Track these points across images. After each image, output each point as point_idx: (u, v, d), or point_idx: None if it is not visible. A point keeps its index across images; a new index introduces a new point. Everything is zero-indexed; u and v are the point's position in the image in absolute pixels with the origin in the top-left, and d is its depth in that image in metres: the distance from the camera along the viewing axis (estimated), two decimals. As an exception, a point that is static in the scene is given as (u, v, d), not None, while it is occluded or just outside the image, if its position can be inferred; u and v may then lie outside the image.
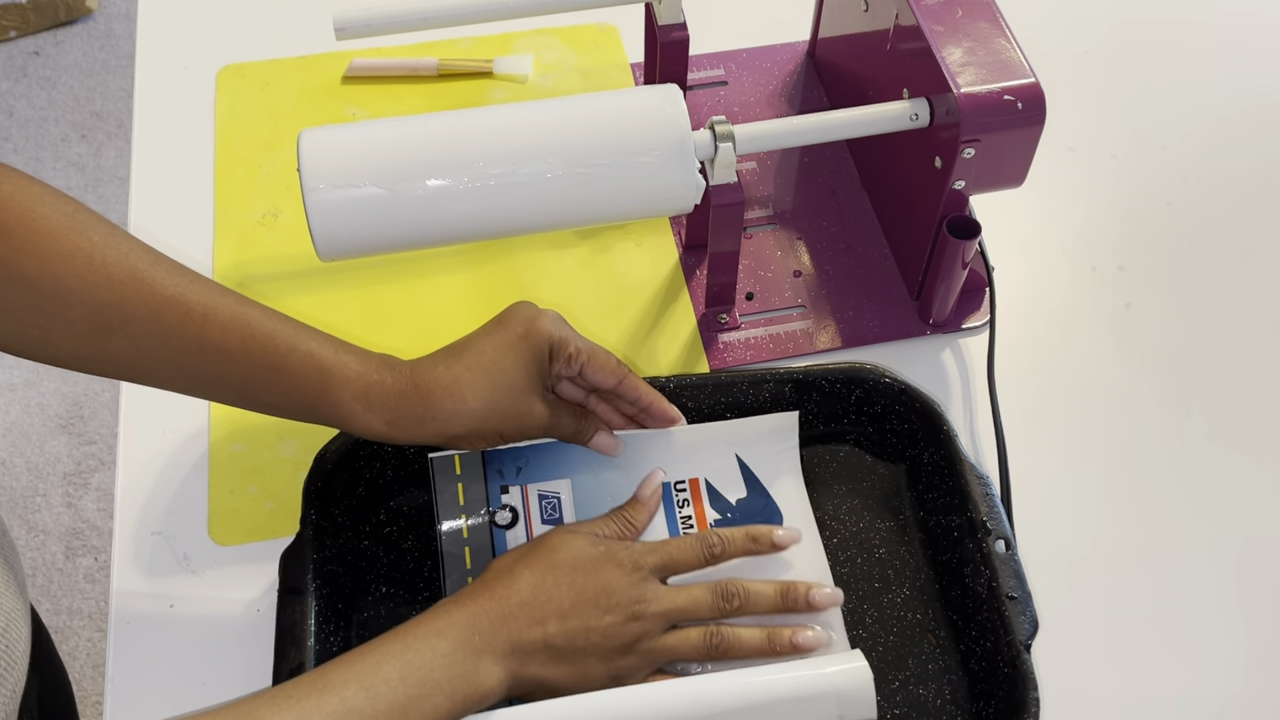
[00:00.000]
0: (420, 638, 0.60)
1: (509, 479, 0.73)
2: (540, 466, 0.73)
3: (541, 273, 0.88)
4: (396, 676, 0.58)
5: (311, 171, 0.68)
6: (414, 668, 0.58)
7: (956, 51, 0.75)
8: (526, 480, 0.73)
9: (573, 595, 0.63)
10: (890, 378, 0.76)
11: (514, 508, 0.72)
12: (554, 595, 0.63)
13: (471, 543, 0.71)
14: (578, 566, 0.64)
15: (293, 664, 0.65)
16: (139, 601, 0.74)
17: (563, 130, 0.71)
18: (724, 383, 0.76)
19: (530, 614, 0.62)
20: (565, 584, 0.64)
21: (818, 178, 0.94)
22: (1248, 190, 0.96)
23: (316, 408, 0.65)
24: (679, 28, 0.87)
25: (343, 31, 0.80)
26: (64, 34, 2.29)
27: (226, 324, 0.63)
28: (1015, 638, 0.66)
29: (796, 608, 0.68)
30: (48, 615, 1.65)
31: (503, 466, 0.73)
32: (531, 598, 0.63)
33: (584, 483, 0.73)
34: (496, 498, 0.72)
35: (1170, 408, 0.84)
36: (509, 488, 0.73)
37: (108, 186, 2.08)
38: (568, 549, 0.65)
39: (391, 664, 0.58)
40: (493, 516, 0.72)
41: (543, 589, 0.63)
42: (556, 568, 0.64)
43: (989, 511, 0.70)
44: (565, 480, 0.73)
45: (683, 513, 0.72)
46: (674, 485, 0.73)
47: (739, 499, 0.73)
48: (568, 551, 0.65)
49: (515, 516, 0.72)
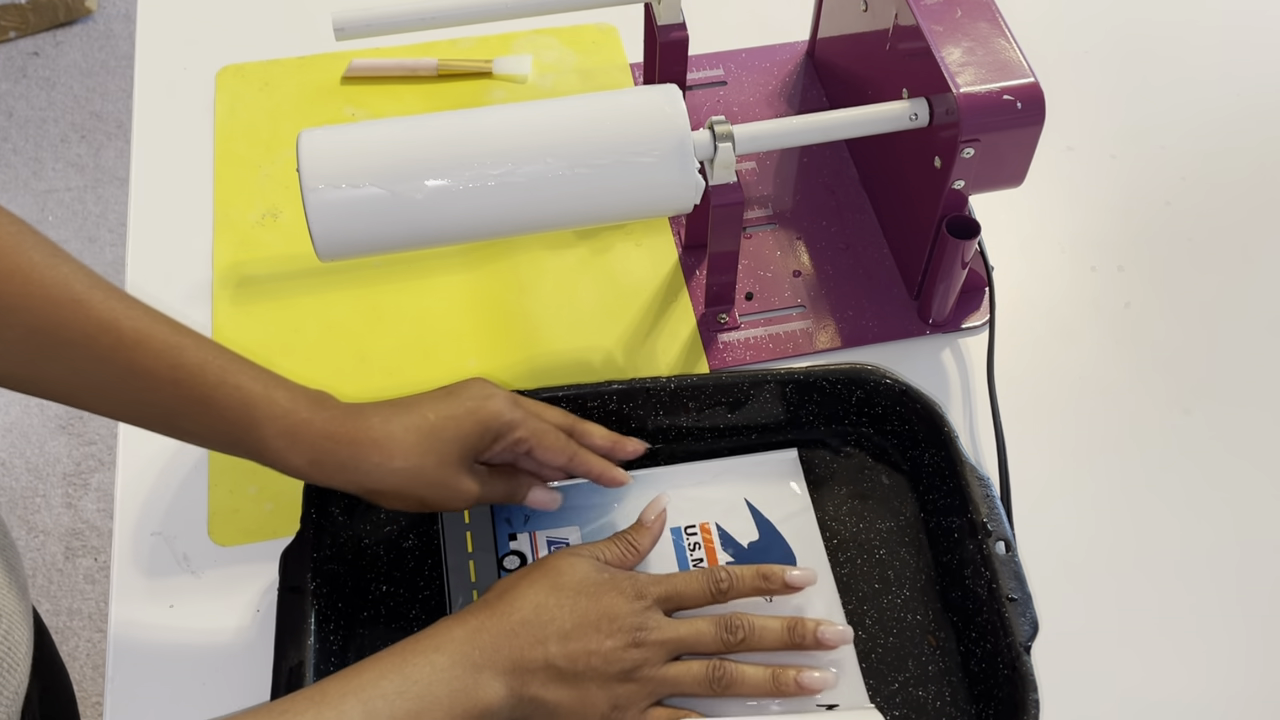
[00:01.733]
0: (419, 653, 0.59)
1: (517, 527, 0.73)
2: (547, 515, 0.73)
3: (541, 273, 0.88)
4: (394, 691, 0.57)
5: (311, 172, 0.68)
6: (412, 682, 0.58)
7: (956, 51, 0.75)
8: (535, 527, 0.73)
9: (575, 617, 0.63)
10: (891, 379, 0.76)
11: (522, 553, 0.72)
12: (556, 616, 0.62)
13: (479, 585, 0.71)
14: (581, 590, 0.64)
15: (292, 663, 0.65)
16: (139, 602, 0.74)
17: (562, 130, 0.71)
18: (725, 383, 0.76)
19: (532, 632, 0.62)
20: (568, 606, 0.63)
21: (817, 178, 0.94)
22: (1247, 190, 0.96)
23: (241, 441, 0.64)
24: (678, 28, 0.87)
25: (342, 32, 0.80)
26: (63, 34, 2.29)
27: (159, 351, 0.62)
28: (1015, 639, 0.66)
29: (804, 644, 0.66)
30: (48, 616, 1.65)
31: (510, 515, 0.73)
32: (534, 616, 0.62)
33: (593, 533, 0.73)
34: (505, 544, 0.72)
35: (1170, 407, 0.84)
36: (517, 535, 0.73)
37: (107, 187, 2.08)
38: (572, 572, 0.65)
39: (390, 679, 0.58)
40: (500, 561, 0.72)
41: (545, 609, 0.63)
42: (560, 589, 0.64)
43: (989, 513, 0.70)
44: (573, 527, 0.73)
45: (694, 556, 0.72)
46: (685, 530, 0.73)
47: (750, 542, 0.73)
48: (572, 574, 0.64)
49: (524, 561, 0.72)
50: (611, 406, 0.76)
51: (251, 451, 0.65)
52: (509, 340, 0.85)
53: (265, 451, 0.64)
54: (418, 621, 0.72)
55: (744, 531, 0.73)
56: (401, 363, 0.83)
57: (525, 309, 0.86)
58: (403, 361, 0.84)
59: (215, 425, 0.64)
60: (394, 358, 0.84)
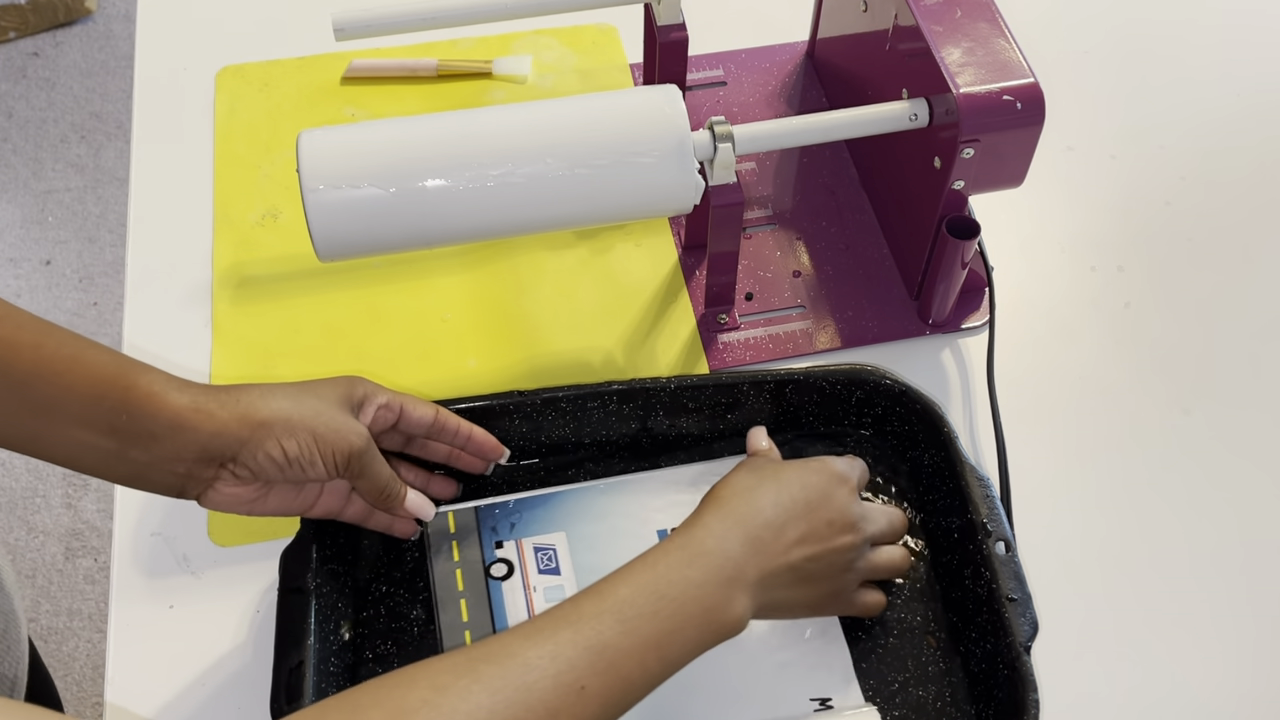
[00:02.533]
0: (673, 568, 0.59)
1: (503, 534, 0.73)
2: (534, 521, 0.73)
3: (541, 273, 0.88)
4: (650, 610, 0.57)
5: (311, 172, 0.68)
6: (668, 600, 0.57)
7: (955, 51, 0.75)
8: (521, 535, 0.73)
9: (810, 518, 0.64)
10: (891, 379, 0.76)
11: (509, 561, 0.72)
12: (793, 514, 0.63)
13: (467, 595, 0.71)
14: (806, 483, 0.65)
15: (293, 664, 0.65)
16: (139, 602, 0.74)
17: (562, 131, 0.71)
18: (725, 384, 0.76)
19: (776, 538, 0.62)
20: (801, 504, 0.64)
21: (817, 178, 0.94)
22: (1246, 190, 0.96)
23: (107, 399, 0.60)
24: (678, 28, 0.87)
25: (342, 32, 0.80)
26: (63, 35, 2.29)
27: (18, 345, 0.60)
28: (1015, 639, 0.66)
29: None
30: (48, 616, 1.65)
31: (496, 524, 0.73)
32: (774, 517, 0.63)
33: (580, 533, 0.73)
34: (491, 552, 0.72)
35: (1169, 407, 0.84)
36: (503, 543, 0.73)
37: (107, 187, 2.08)
38: (789, 468, 0.66)
39: (645, 597, 0.57)
40: (488, 570, 0.72)
41: (782, 509, 0.63)
42: (788, 484, 0.64)
43: (989, 513, 0.70)
44: (560, 533, 0.73)
45: None
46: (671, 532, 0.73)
47: None
48: (791, 470, 0.66)
49: (511, 569, 0.72)
50: (611, 407, 0.76)
51: (126, 402, 0.60)
52: (509, 340, 0.85)
53: (147, 395, 0.60)
54: (418, 622, 0.72)
55: None
56: (401, 363, 0.83)
57: (525, 309, 0.86)
58: (403, 361, 0.84)
59: (82, 391, 0.60)
60: (394, 358, 0.84)
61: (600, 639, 0.55)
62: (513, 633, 0.55)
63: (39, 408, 0.59)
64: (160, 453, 0.61)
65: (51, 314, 1.92)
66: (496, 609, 0.70)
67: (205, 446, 0.61)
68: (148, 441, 0.60)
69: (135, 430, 0.60)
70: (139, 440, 0.60)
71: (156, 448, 0.61)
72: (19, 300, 1.93)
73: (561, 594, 0.71)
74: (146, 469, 0.61)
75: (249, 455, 0.62)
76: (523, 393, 0.75)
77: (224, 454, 0.62)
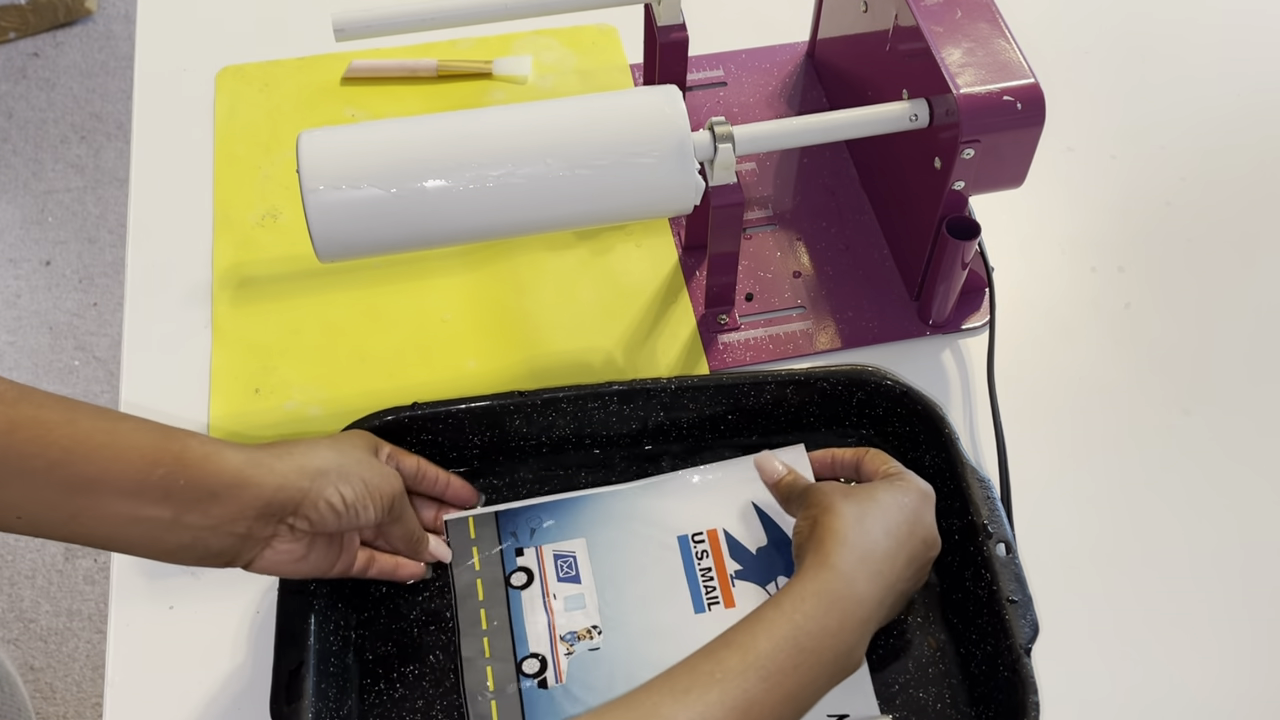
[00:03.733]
0: (811, 618, 0.59)
1: (523, 541, 0.73)
2: (554, 528, 0.73)
3: (541, 274, 0.88)
4: (791, 664, 0.57)
5: (311, 173, 0.68)
6: (808, 653, 0.58)
7: (956, 52, 0.75)
8: (541, 541, 0.73)
9: (911, 540, 0.65)
10: (892, 380, 0.76)
11: (529, 569, 0.72)
12: (900, 540, 0.64)
13: (486, 604, 0.71)
14: (904, 507, 0.66)
15: (293, 665, 0.65)
16: (139, 603, 0.74)
17: (562, 131, 0.71)
18: (725, 385, 0.76)
19: (891, 567, 0.63)
20: (905, 529, 0.65)
21: (817, 179, 0.94)
22: (1247, 190, 0.96)
23: (160, 466, 0.59)
24: (678, 28, 0.87)
25: (342, 33, 0.80)
26: (63, 35, 2.28)
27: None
28: (1015, 641, 0.66)
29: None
30: (48, 616, 1.65)
31: (517, 529, 0.73)
32: (889, 547, 0.63)
33: (599, 539, 0.73)
34: (511, 560, 0.72)
35: (1169, 407, 0.84)
36: (524, 550, 0.73)
37: (107, 188, 2.08)
38: (883, 491, 0.66)
39: (786, 652, 0.58)
40: (508, 578, 0.72)
41: (892, 537, 0.64)
42: (889, 511, 0.65)
43: (990, 515, 0.70)
44: (580, 539, 0.73)
45: (702, 565, 0.72)
46: (692, 537, 0.73)
47: (760, 548, 0.73)
48: (888, 495, 0.66)
49: (531, 577, 0.72)
50: (612, 407, 0.76)
51: (188, 459, 0.59)
52: (509, 341, 0.85)
53: (205, 454, 0.60)
54: (418, 623, 0.72)
55: (752, 537, 0.73)
56: (401, 363, 0.83)
57: (525, 310, 0.86)
58: (403, 362, 0.84)
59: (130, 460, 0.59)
60: (394, 358, 0.84)
61: (746, 697, 0.56)
62: (657, 690, 0.56)
63: (78, 486, 0.57)
64: (220, 514, 0.60)
65: (51, 314, 1.92)
66: (515, 618, 0.70)
67: (269, 501, 0.61)
68: (208, 504, 0.59)
69: (193, 494, 0.59)
70: (198, 504, 0.59)
71: (217, 509, 0.60)
72: (19, 300, 1.93)
73: (581, 603, 0.70)
74: (204, 534, 0.60)
75: (310, 505, 0.63)
76: (523, 393, 0.75)
77: (286, 507, 0.62)
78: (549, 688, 0.68)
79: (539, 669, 0.68)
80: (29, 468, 0.56)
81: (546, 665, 0.68)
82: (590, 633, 0.69)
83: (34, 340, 1.89)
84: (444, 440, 0.75)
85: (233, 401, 0.81)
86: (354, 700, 0.69)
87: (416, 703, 0.69)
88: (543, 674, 0.68)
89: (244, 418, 0.80)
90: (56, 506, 0.57)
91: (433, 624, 0.72)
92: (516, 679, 0.68)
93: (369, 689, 0.70)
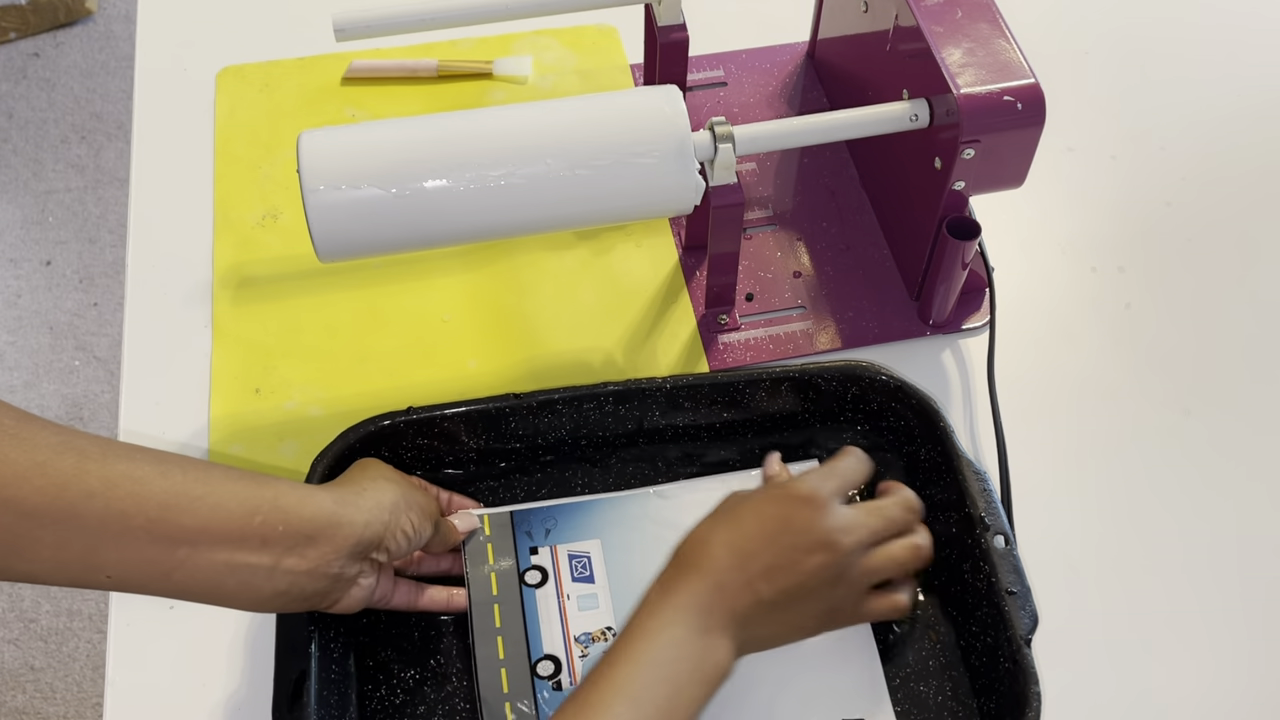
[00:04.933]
0: (652, 634, 0.59)
1: (538, 540, 0.73)
2: (569, 528, 0.73)
3: (541, 273, 0.88)
4: (652, 679, 0.57)
5: (311, 173, 0.68)
6: (662, 665, 0.58)
7: (956, 52, 0.75)
8: (555, 541, 0.73)
9: (770, 547, 0.62)
10: (886, 374, 0.76)
11: (543, 568, 0.72)
12: (750, 551, 0.62)
13: (501, 599, 0.71)
14: (761, 515, 0.63)
15: (294, 672, 0.65)
16: (139, 603, 0.74)
17: (562, 131, 0.71)
18: (720, 383, 0.76)
19: (738, 577, 0.61)
20: (757, 538, 0.62)
21: (817, 179, 0.94)
22: (1247, 190, 0.96)
23: (259, 513, 0.59)
24: (678, 29, 0.87)
25: (342, 33, 0.80)
26: (64, 35, 2.28)
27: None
28: (1015, 633, 0.66)
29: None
30: (48, 616, 1.65)
31: (531, 528, 0.73)
32: (732, 560, 0.62)
33: (614, 541, 0.73)
34: (526, 558, 0.72)
35: (1170, 408, 0.84)
36: (538, 549, 0.73)
37: (107, 188, 2.08)
38: (747, 503, 0.65)
39: (643, 669, 0.58)
40: (522, 576, 0.72)
41: (737, 549, 0.62)
42: (742, 522, 0.63)
43: (987, 507, 0.70)
44: (595, 540, 0.73)
45: None
46: None
47: None
48: (747, 505, 0.64)
49: (545, 576, 0.72)
50: (608, 407, 0.76)
51: (273, 502, 0.60)
52: (509, 341, 0.85)
53: (290, 492, 0.61)
54: (418, 628, 0.72)
55: None
56: (401, 363, 0.83)
57: (525, 310, 0.86)
58: (403, 362, 0.84)
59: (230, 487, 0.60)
60: (394, 359, 0.84)
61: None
62: None
63: (179, 539, 0.57)
64: (316, 556, 0.61)
65: (51, 314, 1.92)
66: (530, 616, 0.70)
67: (359, 538, 0.62)
68: (304, 547, 0.60)
69: (291, 539, 0.60)
70: (295, 548, 0.60)
71: (313, 551, 0.60)
72: (20, 300, 1.93)
73: (595, 602, 0.71)
74: (300, 578, 0.60)
75: (391, 538, 0.64)
76: (519, 395, 0.75)
77: (373, 542, 0.63)
78: (563, 689, 0.68)
79: (553, 671, 0.68)
80: (129, 526, 0.56)
81: (561, 668, 0.68)
82: (604, 634, 0.69)
83: (34, 340, 1.89)
84: (440, 444, 0.75)
85: (233, 401, 0.81)
86: (354, 707, 0.68)
87: (418, 709, 0.69)
88: (557, 676, 0.68)
89: (244, 417, 0.80)
90: (155, 561, 0.57)
91: (433, 629, 0.72)
92: (532, 686, 0.68)
93: (369, 695, 0.70)
